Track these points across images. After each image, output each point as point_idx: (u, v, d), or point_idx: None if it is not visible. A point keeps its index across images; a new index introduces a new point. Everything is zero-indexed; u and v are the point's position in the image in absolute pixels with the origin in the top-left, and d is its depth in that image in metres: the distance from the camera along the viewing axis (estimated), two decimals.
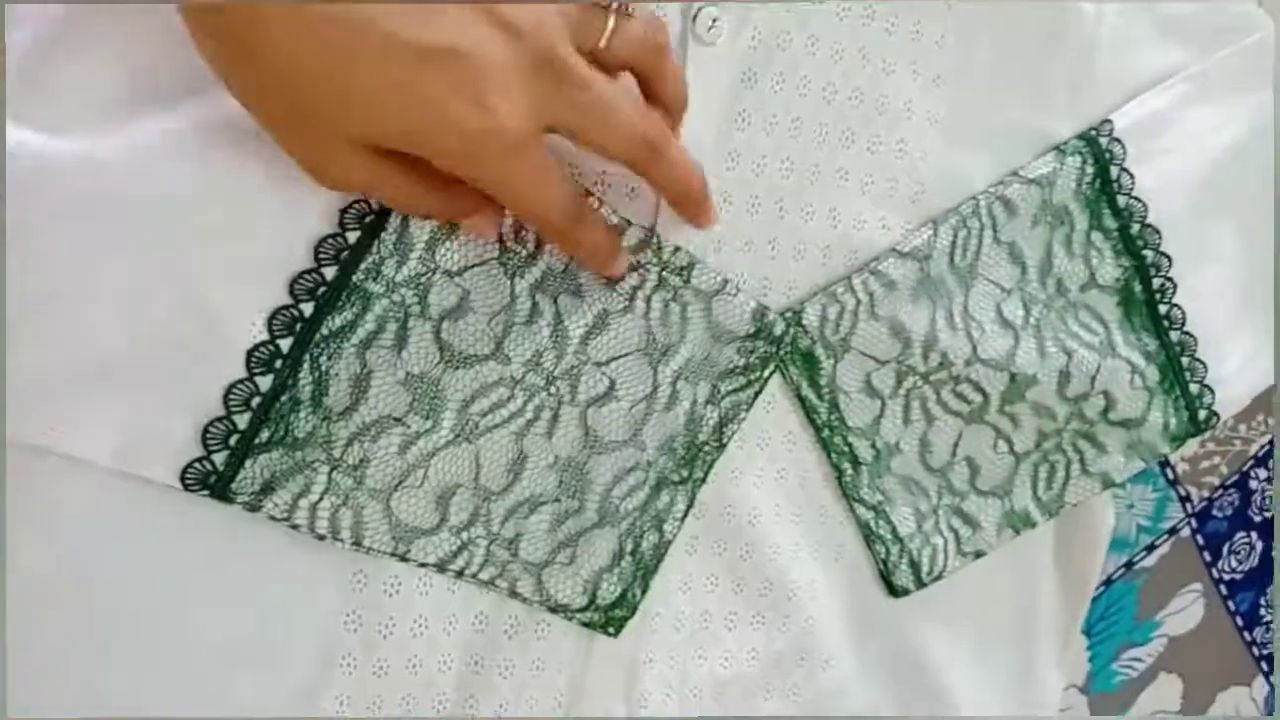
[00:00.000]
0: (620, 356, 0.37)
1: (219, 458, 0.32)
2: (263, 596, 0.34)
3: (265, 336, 0.33)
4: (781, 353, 0.39)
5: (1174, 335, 0.45)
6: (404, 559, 0.35)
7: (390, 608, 0.35)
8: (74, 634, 0.33)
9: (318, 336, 0.33)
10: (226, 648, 0.34)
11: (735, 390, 0.39)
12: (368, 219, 0.33)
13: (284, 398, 0.33)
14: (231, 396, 0.32)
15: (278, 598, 0.34)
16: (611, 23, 0.30)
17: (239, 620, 0.34)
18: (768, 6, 0.36)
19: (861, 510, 0.42)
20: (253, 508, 0.33)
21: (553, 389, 0.37)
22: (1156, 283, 0.44)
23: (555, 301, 0.36)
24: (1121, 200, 0.43)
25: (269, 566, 0.34)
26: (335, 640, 0.35)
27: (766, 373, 0.39)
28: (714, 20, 0.35)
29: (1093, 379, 0.43)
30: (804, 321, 0.39)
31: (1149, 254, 0.44)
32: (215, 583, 0.34)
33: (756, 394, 0.39)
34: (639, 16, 0.31)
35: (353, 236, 0.33)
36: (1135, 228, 0.43)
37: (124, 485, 0.32)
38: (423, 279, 0.34)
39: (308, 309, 0.33)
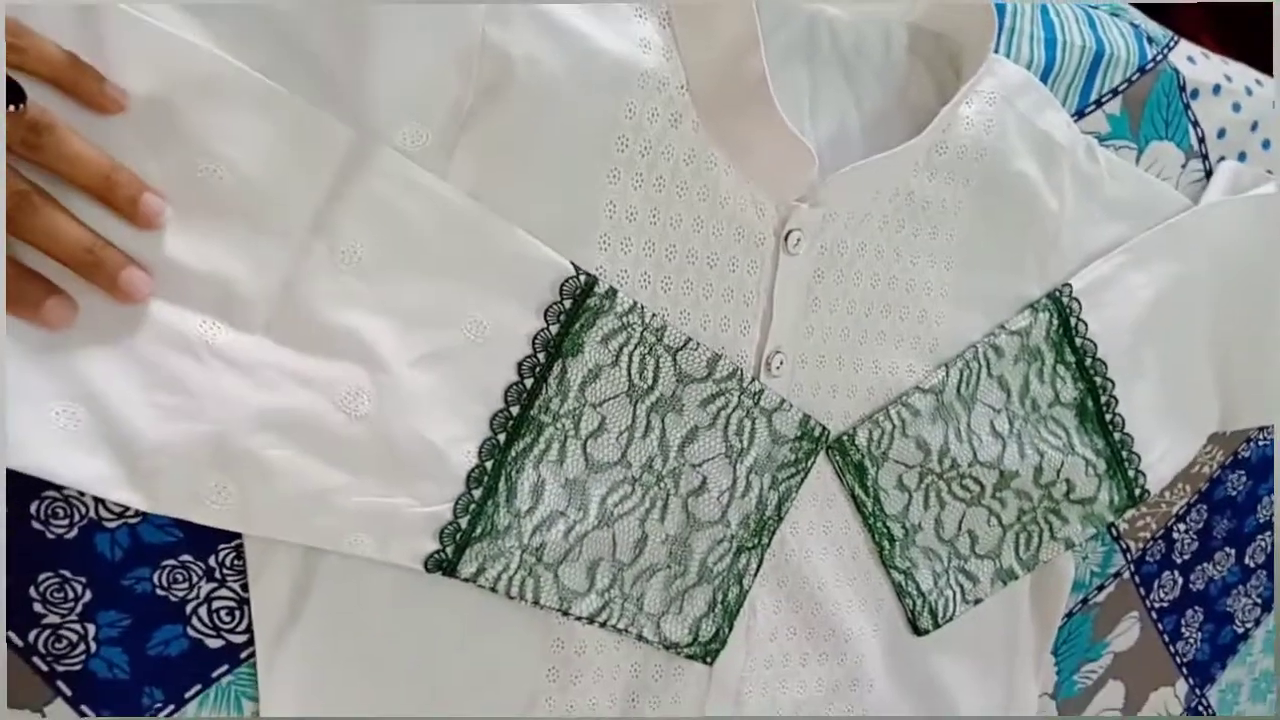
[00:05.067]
0: (709, 459, 0.50)
1: (449, 549, 0.44)
2: (494, 658, 0.47)
3: (476, 461, 0.44)
4: (819, 449, 0.52)
5: (1116, 436, 0.60)
6: (566, 614, 0.47)
7: (578, 664, 0.49)
8: (360, 656, 0.45)
9: (509, 457, 0.45)
10: (468, 685, 0.47)
11: (789, 478, 0.52)
12: (537, 368, 0.45)
13: (489, 503, 0.44)
14: (457, 505, 0.43)
15: (505, 658, 0.47)
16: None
17: (477, 669, 0.47)
18: (831, 225, 0.51)
19: (895, 574, 0.56)
20: (472, 581, 0.44)
21: (661, 484, 0.49)
22: (1103, 400, 0.59)
23: (663, 419, 0.48)
24: (1078, 341, 0.58)
25: (501, 640, 0.47)
26: (540, 687, 0.48)
27: (810, 463, 0.52)
28: (798, 239, 0.49)
29: (1058, 471, 0.58)
30: (856, 441, 0.53)
31: (1098, 379, 0.59)
32: (462, 649, 0.46)
33: (803, 479, 0.52)
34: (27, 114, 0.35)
35: (528, 382, 0.45)
36: (1088, 361, 0.58)
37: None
38: (576, 411, 0.46)
39: (502, 438, 0.45)
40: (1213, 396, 0.65)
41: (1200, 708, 0.74)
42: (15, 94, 0.35)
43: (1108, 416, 0.59)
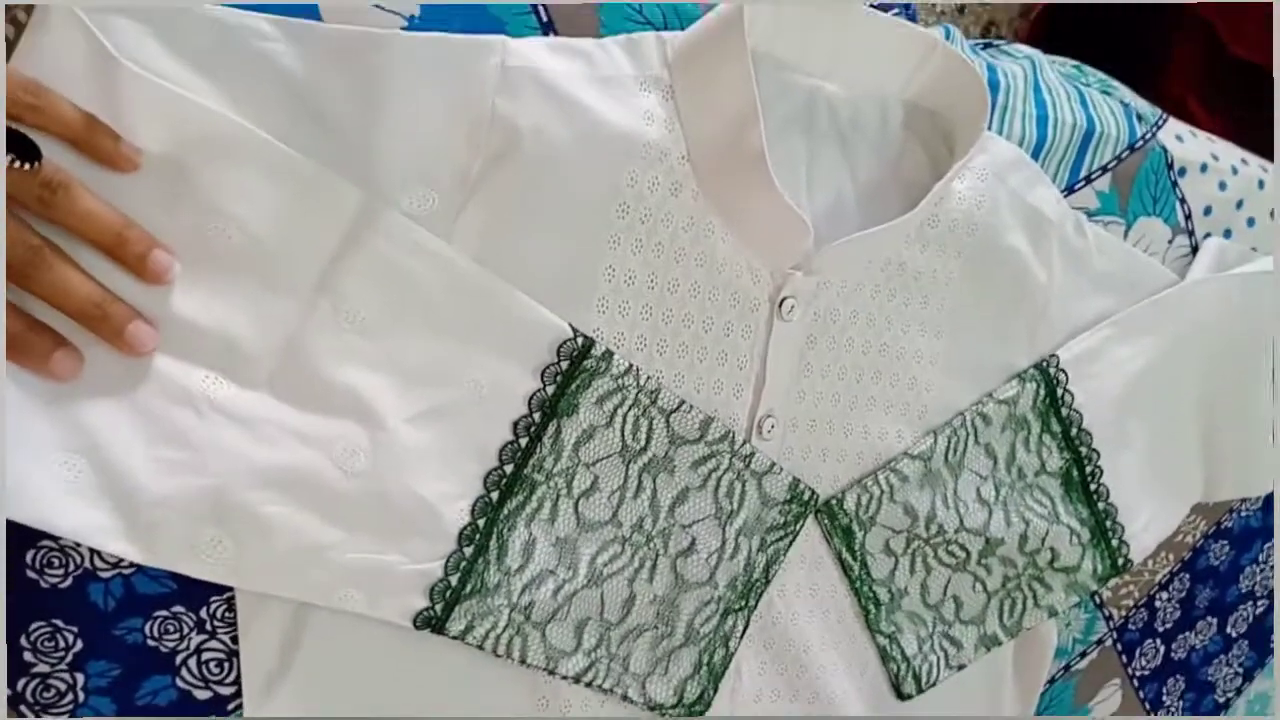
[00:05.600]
0: (699, 521, 0.50)
1: (439, 607, 0.44)
2: (480, 714, 0.47)
3: (469, 519, 0.45)
4: (808, 512, 0.52)
5: (1101, 506, 0.60)
6: (552, 673, 0.47)
7: None
8: (346, 710, 0.45)
9: (501, 515, 0.45)
10: None
11: (777, 540, 0.52)
12: (532, 428, 0.46)
13: (479, 560, 0.45)
14: (448, 563, 0.44)
15: (491, 715, 0.47)
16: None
17: None
18: (825, 293, 0.52)
19: (880, 638, 0.56)
20: (459, 639, 0.45)
21: (651, 545, 0.49)
22: (1088, 470, 0.60)
23: (655, 480, 0.49)
24: (1064, 412, 0.59)
25: (487, 697, 0.47)
26: None
27: (799, 526, 0.52)
28: (791, 306, 0.50)
29: (1043, 539, 0.58)
30: (845, 506, 0.54)
31: (1083, 449, 0.59)
32: (448, 705, 0.46)
33: (791, 542, 0.52)
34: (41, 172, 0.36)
35: (524, 442, 0.46)
36: (1074, 431, 0.59)
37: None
38: (570, 470, 0.47)
39: (495, 496, 0.45)
40: (1197, 468, 0.66)
41: None
42: (32, 152, 0.36)
43: (1092, 486, 0.60)
